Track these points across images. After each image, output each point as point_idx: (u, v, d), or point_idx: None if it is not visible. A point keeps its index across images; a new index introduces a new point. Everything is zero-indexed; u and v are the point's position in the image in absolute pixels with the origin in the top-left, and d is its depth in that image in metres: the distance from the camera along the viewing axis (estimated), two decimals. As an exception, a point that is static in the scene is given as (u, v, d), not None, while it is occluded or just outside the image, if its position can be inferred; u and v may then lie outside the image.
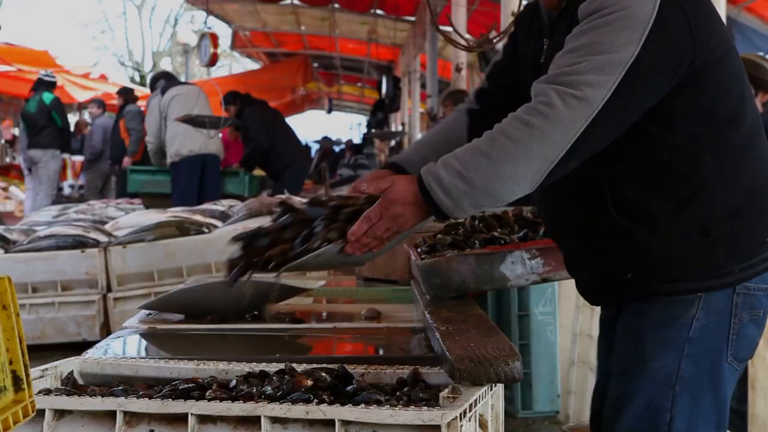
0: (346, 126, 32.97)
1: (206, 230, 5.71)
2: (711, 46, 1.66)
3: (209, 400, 1.69)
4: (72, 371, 2.03)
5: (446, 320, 2.18)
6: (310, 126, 29.37)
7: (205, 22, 13.61)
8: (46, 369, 1.99)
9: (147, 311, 2.78)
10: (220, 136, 8.82)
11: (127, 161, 10.49)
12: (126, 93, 11.61)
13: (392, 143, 15.71)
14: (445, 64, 13.45)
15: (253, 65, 24.42)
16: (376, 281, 3.35)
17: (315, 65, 21.05)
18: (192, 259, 5.35)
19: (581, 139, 1.59)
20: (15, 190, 14.33)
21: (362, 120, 27.61)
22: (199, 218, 6.00)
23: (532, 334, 3.92)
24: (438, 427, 1.51)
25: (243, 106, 8.95)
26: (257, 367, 1.94)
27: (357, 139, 21.67)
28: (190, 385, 1.79)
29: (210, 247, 5.39)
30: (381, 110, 16.96)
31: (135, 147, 10.61)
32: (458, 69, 8.79)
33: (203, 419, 1.62)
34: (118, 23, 46.55)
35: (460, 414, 1.56)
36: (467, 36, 7.04)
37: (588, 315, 3.64)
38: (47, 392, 1.82)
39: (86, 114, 13.31)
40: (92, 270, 5.33)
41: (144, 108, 10.22)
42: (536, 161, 1.60)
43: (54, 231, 5.67)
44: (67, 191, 12.27)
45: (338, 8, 14.51)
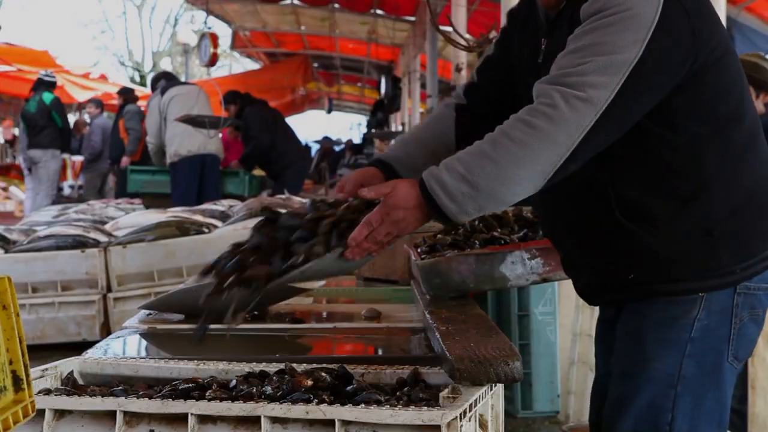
0: (346, 126, 33.00)
1: (206, 230, 5.72)
2: (711, 46, 1.67)
3: (209, 400, 1.69)
4: (72, 371, 2.03)
5: (446, 320, 2.18)
6: (310, 126, 29.34)
7: (205, 22, 13.64)
8: (46, 369, 1.99)
9: (147, 311, 2.78)
10: (220, 136, 8.82)
11: (126, 161, 10.48)
12: (126, 93, 11.60)
13: (392, 143, 15.68)
14: (445, 64, 13.46)
15: (253, 65, 24.42)
16: (376, 281, 3.35)
17: (315, 65, 21.04)
18: (192, 259, 5.34)
19: (585, 141, 1.58)
20: (15, 190, 14.33)
21: (362, 120, 27.61)
22: (199, 218, 6.00)
23: (532, 334, 3.92)
24: (438, 427, 1.51)
25: (243, 106, 8.96)
26: (257, 367, 1.94)
27: (357, 139, 21.68)
28: (190, 385, 1.79)
29: (210, 247, 5.38)
30: (381, 110, 16.96)
31: (133, 147, 10.60)
32: (458, 69, 8.79)
33: (203, 419, 1.62)
34: (118, 23, 46.54)
35: (460, 414, 1.56)
36: (467, 36, 7.05)
37: (588, 315, 3.64)
38: (47, 392, 1.82)
39: (85, 114, 13.29)
40: (92, 270, 5.33)
41: (144, 108, 10.22)
42: (540, 163, 1.59)
43: (54, 231, 5.67)
44: (67, 191, 12.28)
45: (338, 8, 14.51)
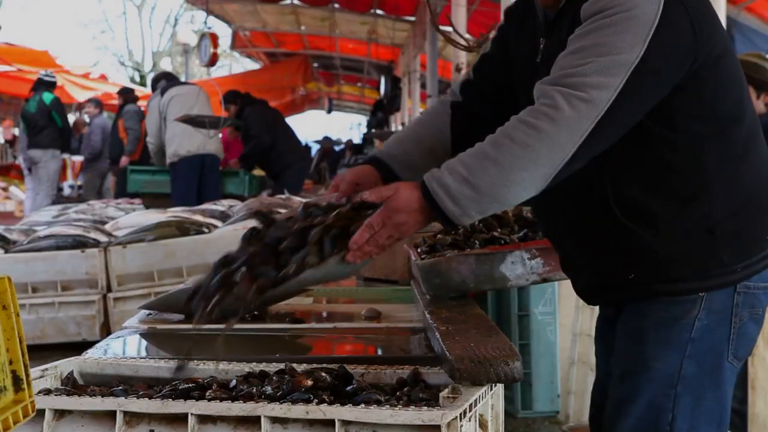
0: (346, 126, 33.01)
1: (206, 230, 5.72)
2: (711, 46, 1.66)
3: (209, 400, 1.69)
4: (72, 371, 2.03)
5: (446, 320, 2.18)
6: (310, 126, 29.35)
7: (205, 22, 13.64)
8: (46, 369, 1.99)
9: (147, 311, 2.78)
10: (220, 137, 8.82)
11: (125, 160, 10.48)
12: (125, 93, 11.61)
13: (388, 140, 15.63)
14: (445, 64, 13.44)
15: (253, 65, 24.40)
16: (376, 281, 3.35)
17: (315, 65, 21.03)
18: (192, 259, 5.34)
19: (587, 141, 1.58)
20: (15, 190, 14.33)
21: (362, 120, 27.61)
22: (199, 218, 6.00)
23: (532, 334, 3.92)
24: (438, 427, 1.51)
25: (243, 106, 8.96)
26: (257, 367, 1.94)
27: (357, 139, 21.68)
28: (190, 385, 1.79)
29: (210, 247, 5.39)
30: (381, 110, 16.96)
31: (132, 146, 10.60)
32: (458, 69, 8.78)
33: (203, 419, 1.62)
34: (118, 23, 46.56)
35: (460, 414, 1.56)
36: (467, 36, 7.05)
37: (588, 315, 3.64)
38: (47, 392, 1.82)
39: (84, 114, 13.28)
40: (92, 270, 5.33)
41: (144, 108, 10.22)
42: (543, 165, 1.59)
43: (54, 231, 5.67)
44: (67, 191, 12.27)
45: (338, 8, 14.50)
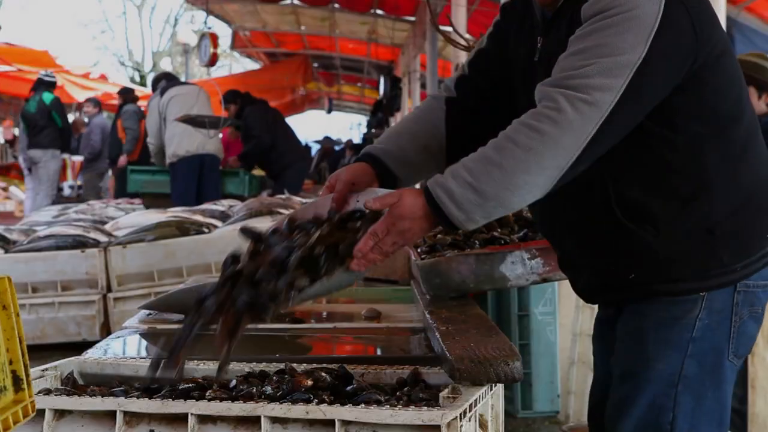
0: (346, 126, 32.99)
1: (206, 230, 5.71)
2: (711, 46, 1.66)
3: (209, 400, 1.69)
4: (72, 371, 2.04)
5: (446, 320, 2.18)
6: (310, 126, 29.32)
7: (205, 22, 13.64)
8: (46, 369, 2.00)
9: (147, 311, 2.79)
10: (220, 137, 8.81)
11: (123, 160, 10.49)
12: (125, 93, 11.61)
13: (382, 135, 15.62)
14: (445, 64, 13.45)
15: (253, 65, 24.39)
16: (376, 281, 3.35)
17: (315, 65, 21.02)
18: (192, 259, 5.34)
19: (591, 144, 1.57)
20: (15, 190, 14.33)
21: (362, 120, 27.60)
22: (199, 218, 6.00)
23: (532, 334, 3.92)
24: (438, 427, 1.51)
25: (243, 105, 8.95)
26: (257, 367, 1.94)
27: (357, 139, 21.67)
28: (190, 385, 1.79)
29: (210, 247, 5.39)
30: (380, 111, 16.95)
31: (130, 146, 10.61)
32: (458, 69, 8.77)
33: (203, 419, 1.62)
34: (118, 23, 46.47)
35: (460, 414, 1.56)
36: (467, 36, 7.03)
37: (588, 315, 3.64)
38: (47, 392, 1.83)
39: (83, 114, 13.28)
40: (92, 270, 5.32)
41: (144, 108, 10.23)
42: (548, 168, 1.58)
43: (54, 231, 5.67)
44: (67, 191, 12.26)
45: (338, 8, 14.49)
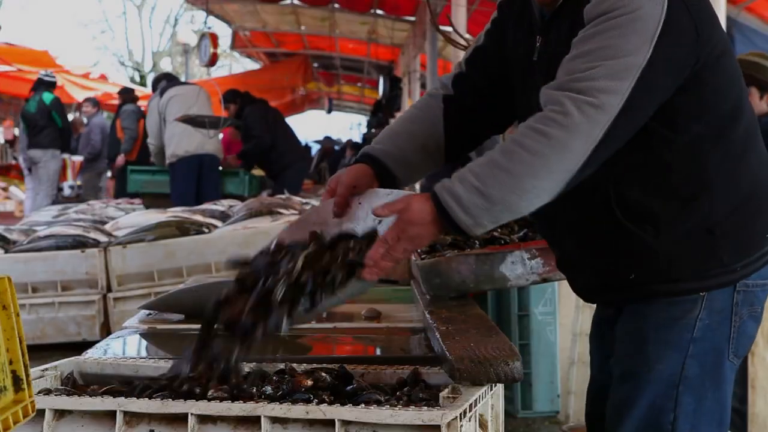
0: (346, 126, 32.95)
1: (206, 230, 5.71)
2: (712, 45, 1.66)
3: (209, 400, 1.69)
4: (72, 371, 2.04)
5: (446, 320, 2.18)
6: (310, 126, 29.28)
7: (205, 22, 13.64)
8: (46, 369, 2.00)
9: (147, 311, 2.79)
10: (220, 137, 8.80)
11: (121, 160, 10.51)
12: (125, 93, 11.62)
13: (379, 135, 15.60)
14: (445, 64, 13.45)
15: (253, 65, 24.39)
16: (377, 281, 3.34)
17: (315, 65, 21.02)
18: (192, 259, 5.34)
19: (599, 147, 1.56)
20: (15, 190, 14.32)
21: (362, 120, 27.57)
22: (199, 218, 5.99)
23: (532, 334, 3.92)
24: (438, 427, 1.51)
25: (243, 105, 8.94)
26: (257, 367, 1.94)
27: (357, 139, 21.65)
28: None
29: (210, 247, 5.39)
30: (380, 111, 16.95)
31: (128, 146, 10.62)
32: (455, 66, 8.75)
33: (203, 419, 1.62)
34: (118, 23, 46.46)
35: (460, 414, 1.56)
36: (467, 36, 7.03)
37: (588, 315, 3.63)
38: (47, 392, 1.83)
39: (81, 114, 13.28)
40: (92, 270, 5.32)
41: (144, 108, 10.23)
42: (556, 172, 1.57)
43: (54, 231, 5.67)
44: (67, 191, 12.25)
45: (338, 8, 14.49)
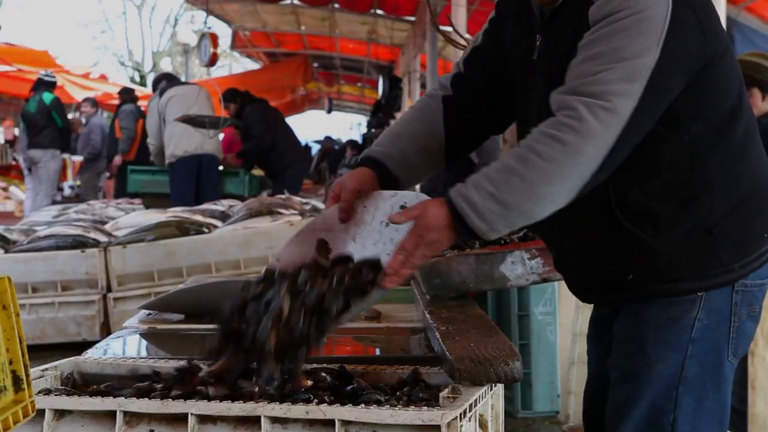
0: (346, 126, 32.93)
1: (206, 230, 5.71)
2: (715, 45, 1.66)
3: (209, 400, 1.69)
4: (72, 371, 2.03)
5: (446, 320, 2.18)
6: (310, 126, 29.31)
7: (205, 22, 13.64)
8: (46, 369, 2.00)
9: (147, 311, 2.79)
10: (221, 137, 8.80)
11: (118, 160, 10.54)
12: (125, 93, 11.62)
13: (380, 136, 15.60)
14: (445, 64, 13.44)
15: (253, 65, 24.38)
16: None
17: (315, 65, 21.01)
18: (192, 259, 5.34)
19: (613, 151, 1.56)
20: (15, 190, 14.31)
21: (362, 120, 27.57)
22: (199, 218, 5.99)
23: (532, 334, 3.92)
24: (438, 427, 1.51)
25: (243, 104, 8.93)
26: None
27: (357, 139, 21.65)
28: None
29: (210, 247, 5.39)
30: (380, 111, 16.95)
31: (126, 146, 10.64)
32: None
33: (203, 419, 1.62)
34: (118, 23, 46.44)
35: (460, 414, 1.56)
36: (467, 36, 7.03)
37: (588, 315, 3.63)
38: (47, 392, 1.83)
39: (80, 114, 13.29)
40: (92, 270, 5.32)
41: (144, 108, 10.23)
42: (571, 178, 1.56)
43: (54, 231, 5.66)
44: (68, 191, 12.25)
45: (338, 8, 14.49)
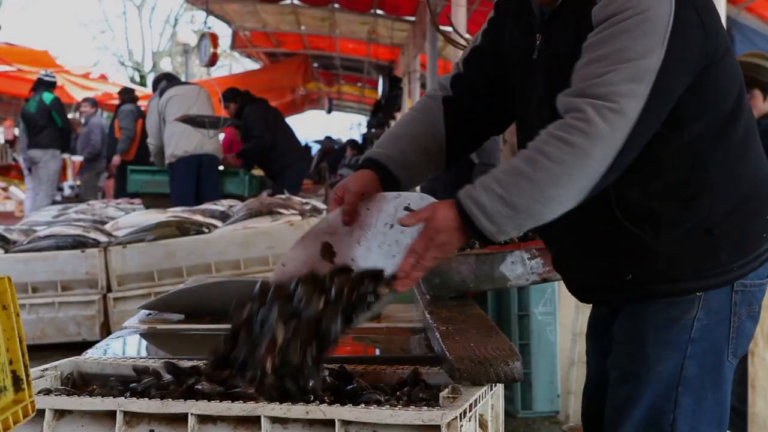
0: (346, 126, 32.93)
1: (206, 230, 5.71)
2: (717, 45, 1.66)
3: (209, 400, 1.69)
4: (72, 371, 2.03)
5: (446, 320, 2.18)
6: (310, 126, 29.32)
7: (205, 22, 13.63)
8: (46, 369, 2.00)
9: (147, 311, 2.79)
10: (221, 136, 8.80)
11: (116, 160, 10.55)
12: (125, 93, 11.62)
13: (381, 138, 15.59)
14: (445, 64, 13.44)
15: (253, 65, 24.37)
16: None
17: (315, 65, 21.01)
18: (192, 259, 5.34)
19: (622, 153, 1.56)
20: (15, 190, 14.31)
21: (362, 120, 27.56)
22: (199, 218, 5.99)
23: (532, 334, 3.92)
24: (438, 427, 1.51)
25: (243, 104, 8.92)
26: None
27: (358, 139, 21.66)
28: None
29: (210, 247, 5.39)
30: (380, 111, 16.95)
31: (124, 146, 10.66)
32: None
33: (203, 419, 1.62)
34: (118, 23, 46.45)
35: (460, 414, 1.56)
36: (467, 36, 7.03)
37: (588, 315, 3.63)
38: (47, 392, 1.83)
39: (79, 114, 13.30)
40: (92, 270, 5.32)
41: (144, 108, 10.24)
42: (580, 180, 1.57)
43: (54, 231, 5.66)
44: (68, 191, 12.26)
45: (338, 8, 14.48)
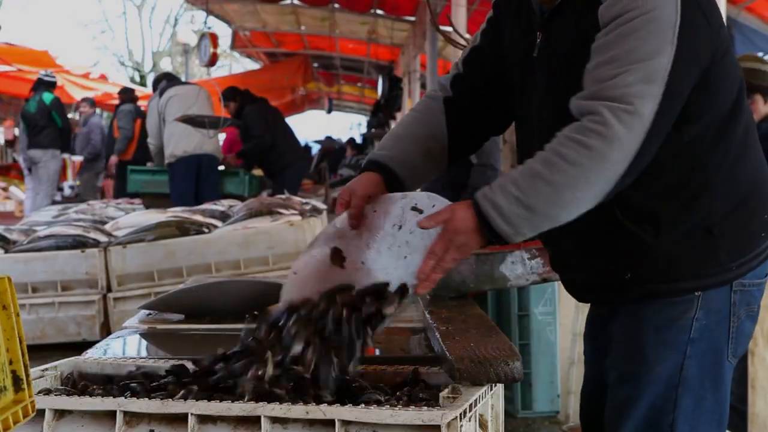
0: (346, 126, 32.92)
1: (206, 230, 5.71)
2: (719, 43, 1.67)
3: (209, 400, 1.69)
4: (72, 371, 2.03)
5: (446, 320, 2.18)
6: (310, 126, 29.29)
7: (205, 22, 13.64)
8: (46, 369, 2.00)
9: (147, 311, 2.79)
10: (222, 136, 8.80)
11: (114, 159, 10.57)
12: (125, 93, 11.63)
13: (383, 139, 15.60)
14: (445, 64, 13.44)
15: (253, 65, 24.37)
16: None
17: (315, 65, 21.01)
18: (192, 259, 5.34)
19: (638, 155, 1.56)
20: (15, 190, 14.31)
21: (362, 120, 27.56)
22: (199, 218, 5.99)
23: (532, 334, 3.92)
24: (438, 427, 1.51)
25: (243, 103, 8.91)
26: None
27: (358, 139, 21.66)
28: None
29: (210, 247, 5.38)
30: (380, 111, 16.94)
31: (122, 145, 10.70)
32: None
33: (203, 419, 1.62)
34: (118, 23, 46.47)
35: (460, 414, 1.56)
36: (467, 36, 7.03)
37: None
38: (47, 392, 1.83)
39: (77, 114, 13.30)
40: (92, 270, 5.32)
41: (144, 108, 10.24)
42: (597, 183, 1.57)
43: (54, 231, 5.66)
44: (68, 191, 12.26)
45: (338, 8, 14.48)
